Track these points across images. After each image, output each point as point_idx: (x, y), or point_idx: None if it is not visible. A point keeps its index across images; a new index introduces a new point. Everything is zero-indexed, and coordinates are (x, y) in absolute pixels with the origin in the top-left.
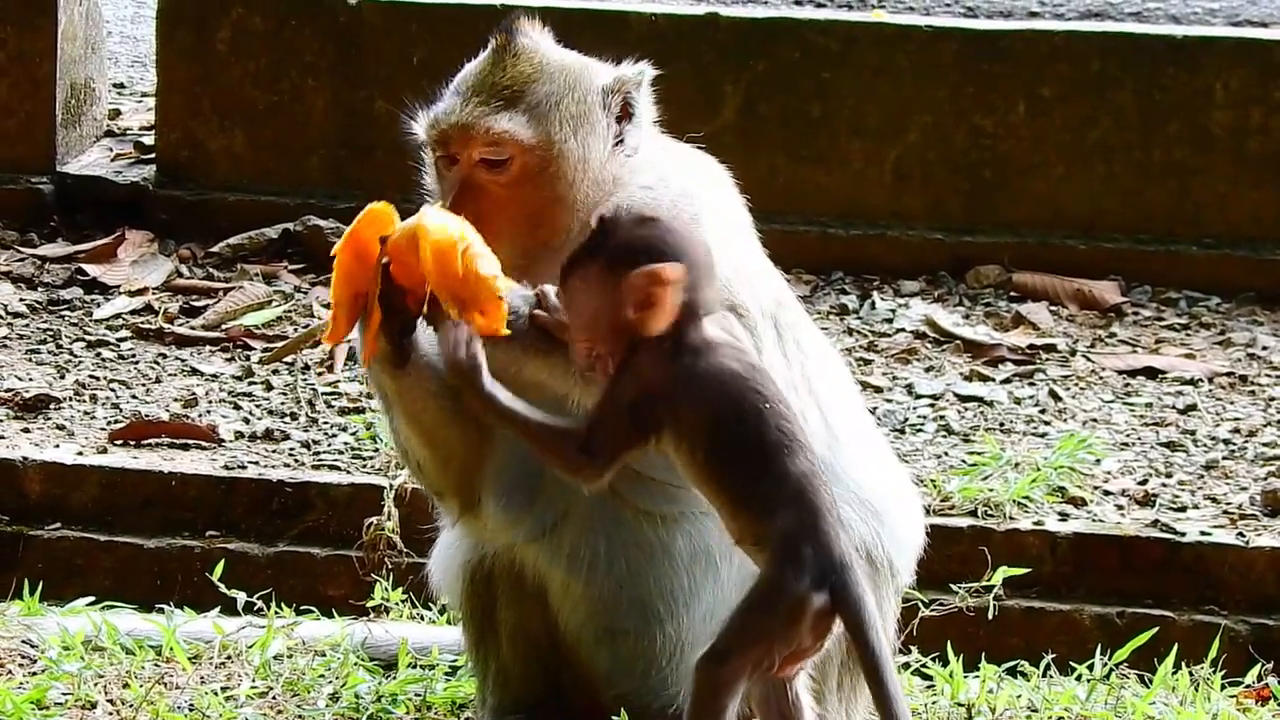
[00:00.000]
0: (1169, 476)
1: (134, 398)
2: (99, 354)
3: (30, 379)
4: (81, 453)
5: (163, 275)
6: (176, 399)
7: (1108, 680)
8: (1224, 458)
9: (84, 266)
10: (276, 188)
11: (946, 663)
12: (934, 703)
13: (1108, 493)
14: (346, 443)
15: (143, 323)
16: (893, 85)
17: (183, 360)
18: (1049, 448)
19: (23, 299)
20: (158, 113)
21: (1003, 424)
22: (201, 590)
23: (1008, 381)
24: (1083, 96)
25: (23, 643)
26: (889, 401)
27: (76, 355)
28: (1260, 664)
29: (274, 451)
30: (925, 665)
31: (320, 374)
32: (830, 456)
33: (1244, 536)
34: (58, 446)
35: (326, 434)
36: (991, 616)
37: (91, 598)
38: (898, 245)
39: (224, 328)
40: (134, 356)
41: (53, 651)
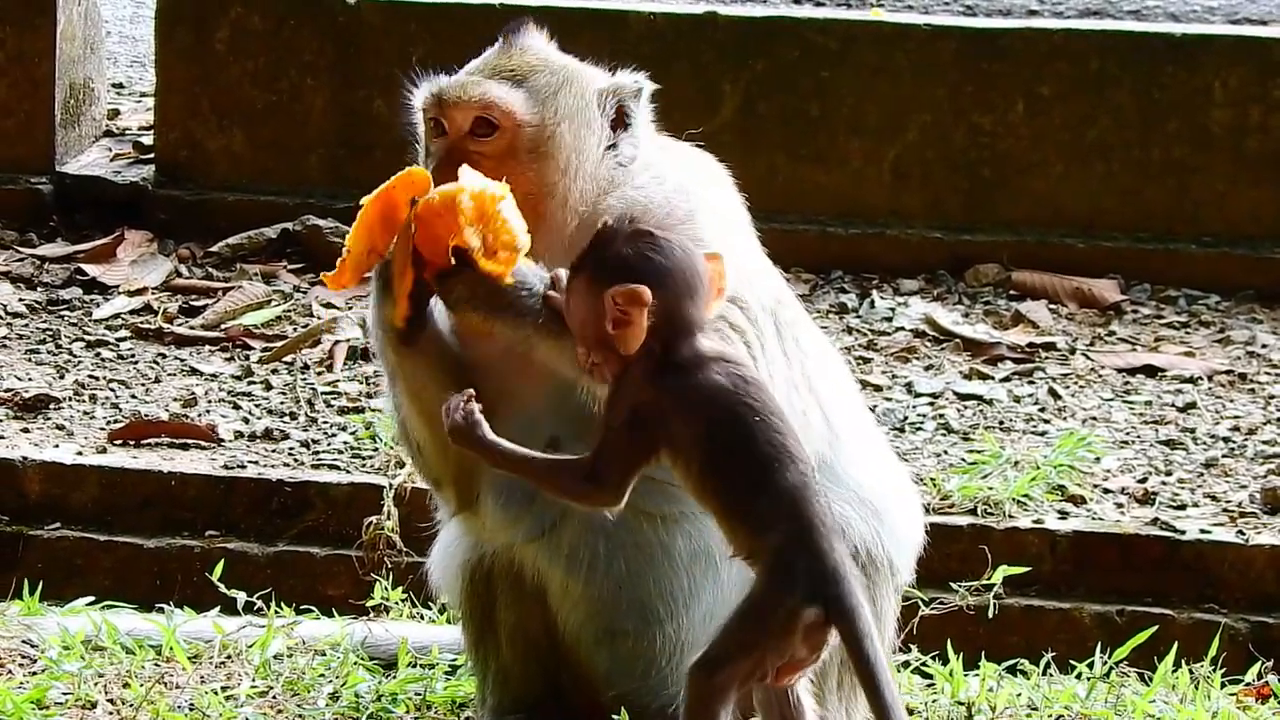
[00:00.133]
0: (1169, 475)
1: (133, 397)
2: (98, 354)
3: (30, 379)
4: (81, 453)
5: (162, 275)
6: (176, 399)
7: (1108, 678)
8: (1223, 456)
9: (83, 266)
10: (275, 187)
11: (946, 661)
12: (934, 701)
13: (1107, 491)
14: (346, 442)
15: (142, 322)
16: (892, 84)
17: (182, 360)
18: (1049, 446)
19: (22, 299)
20: (157, 112)
21: (1002, 422)
22: (201, 590)
23: (1007, 380)
24: (1082, 95)
25: (23, 642)
26: (889, 400)
27: (76, 355)
28: (1260, 662)
29: (273, 451)
30: (925, 664)
31: (320, 374)
32: (830, 455)
33: (1244, 534)
34: (57, 446)
35: (326, 433)
36: (991, 615)
37: (91, 598)
38: (897, 244)
39: (223, 327)
40: (133, 356)
41: (53, 651)
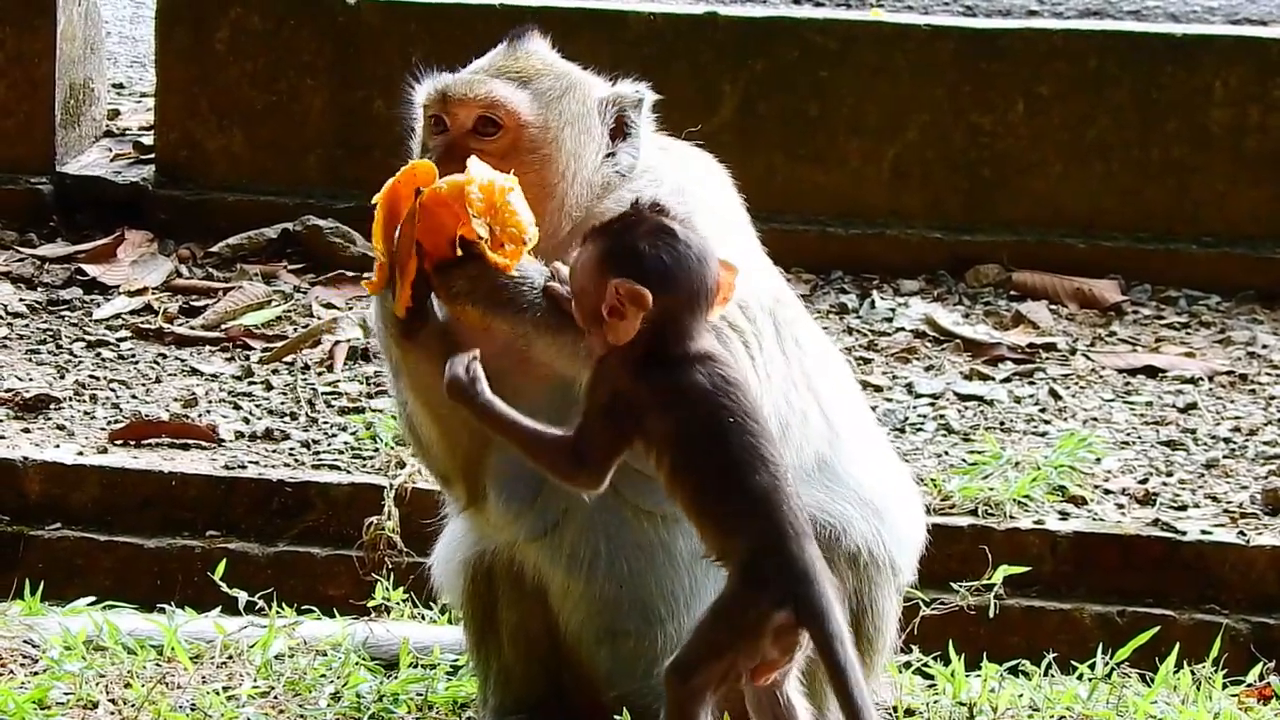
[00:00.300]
0: (1169, 475)
1: (134, 398)
2: (99, 354)
3: (30, 379)
4: (82, 453)
5: (162, 275)
6: (176, 399)
7: (1109, 679)
8: (1224, 456)
9: (83, 266)
10: (275, 187)
11: (948, 662)
12: (935, 702)
13: (1108, 492)
14: (346, 442)
15: (142, 323)
16: (891, 84)
17: (182, 360)
18: (1049, 447)
19: (22, 299)
20: (156, 113)
21: (1003, 423)
22: (202, 590)
23: (1008, 380)
24: (1081, 95)
25: (24, 642)
26: (889, 401)
27: (76, 355)
28: (1262, 663)
29: (274, 451)
30: (927, 664)
31: (320, 374)
32: (830, 453)
33: (1245, 535)
34: (58, 446)
35: (326, 434)
36: (992, 615)
37: (92, 598)
38: (897, 244)
39: (223, 327)
40: (134, 356)
41: (54, 651)
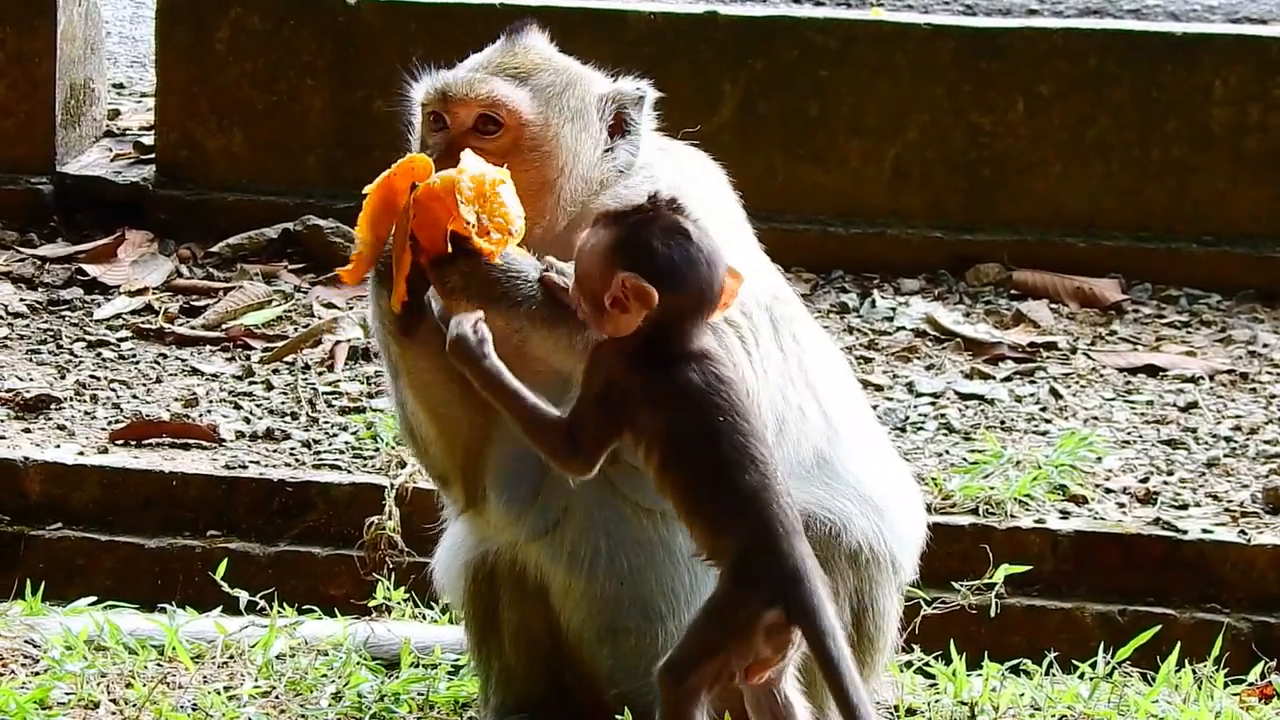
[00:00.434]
0: (1170, 474)
1: (134, 398)
2: (99, 354)
3: (31, 379)
4: (82, 453)
5: (163, 275)
6: (177, 399)
7: (1110, 678)
8: (1225, 455)
9: (84, 266)
10: (275, 187)
11: (949, 661)
12: (937, 701)
13: (1109, 491)
14: (347, 442)
15: (143, 323)
16: (891, 83)
17: (183, 360)
18: (1050, 446)
19: (23, 299)
20: (157, 113)
21: (1004, 422)
22: (203, 590)
23: (1009, 379)
24: (1081, 94)
25: (25, 642)
26: (890, 400)
27: (77, 355)
28: (1263, 662)
29: (275, 451)
30: (928, 664)
31: (321, 373)
32: (829, 450)
33: (1245, 534)
34: (58, 446)
35: (327, 433)
36: (993, 615)
37: (93, 598)
38: (897, 244)
39: (224, 327)
40: (134, 356)
41: (55, 651)
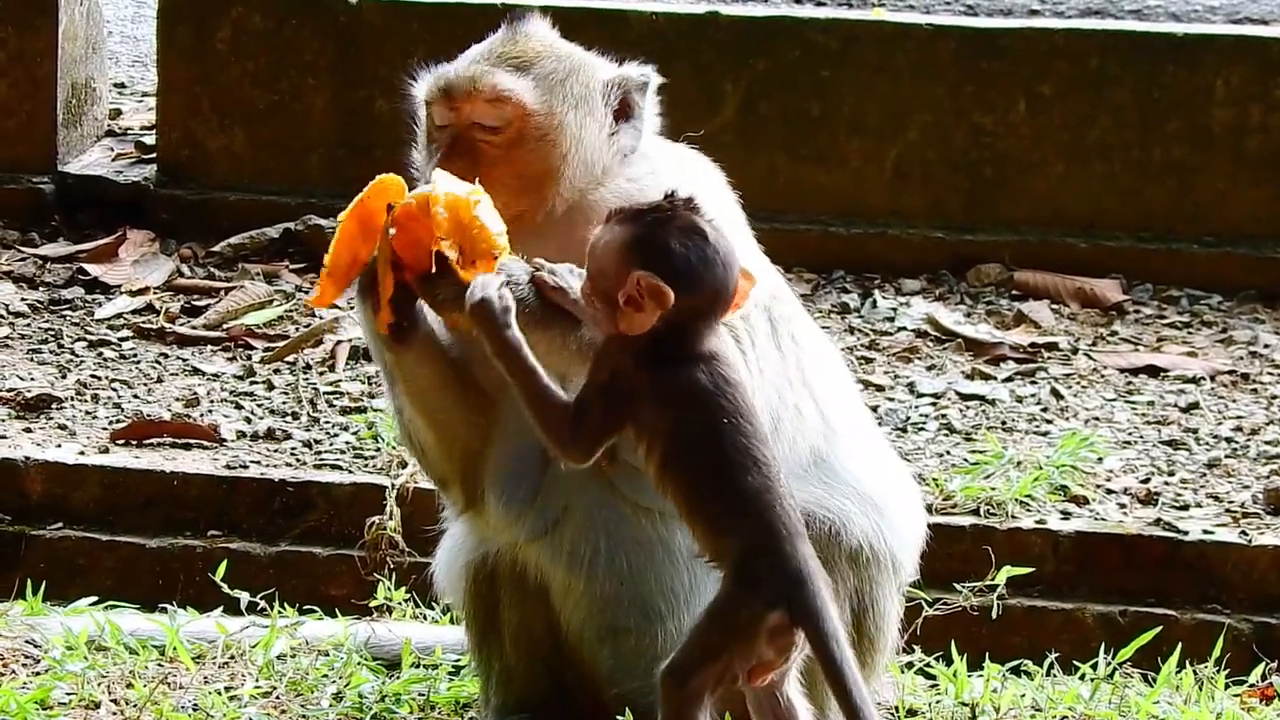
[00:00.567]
0: (1171, 475)
1: (135, 397)
2: (100, 354)
3: (32, 379)
4: (83, 452)
5: (164, 275)
6: (178, 399)
7: (1111, 679)
8: (1226, 456)
9: (85, 266)
10: (277, 187)
11: (950, 662)
12: (938, 702)
13: (1110, 491)
14: (348, 442)
15: (144, 322)
16: (893, 84)
17: (184, 360)
18: (1051, 446)
19: (24, 299)
20: (158, 112)
21: (1005, 422)
22: (204, 590)
23: (1009, 380)
24: (1082, 94)
25: (26, 642)
26: (891, 400)
27: (78, 355)
28: (1264, 663)
29: (276, 451)
30: (929, 665)
31: (322, 373)
32: (826, 449)
33: (1247, 535)
34: (59, 446)
35: (328, 433)
36: (995, 615)
37: (94, 598)
38: (898, 244)
39: (225, 327)
40: (135, 356)
41: (56, 651)
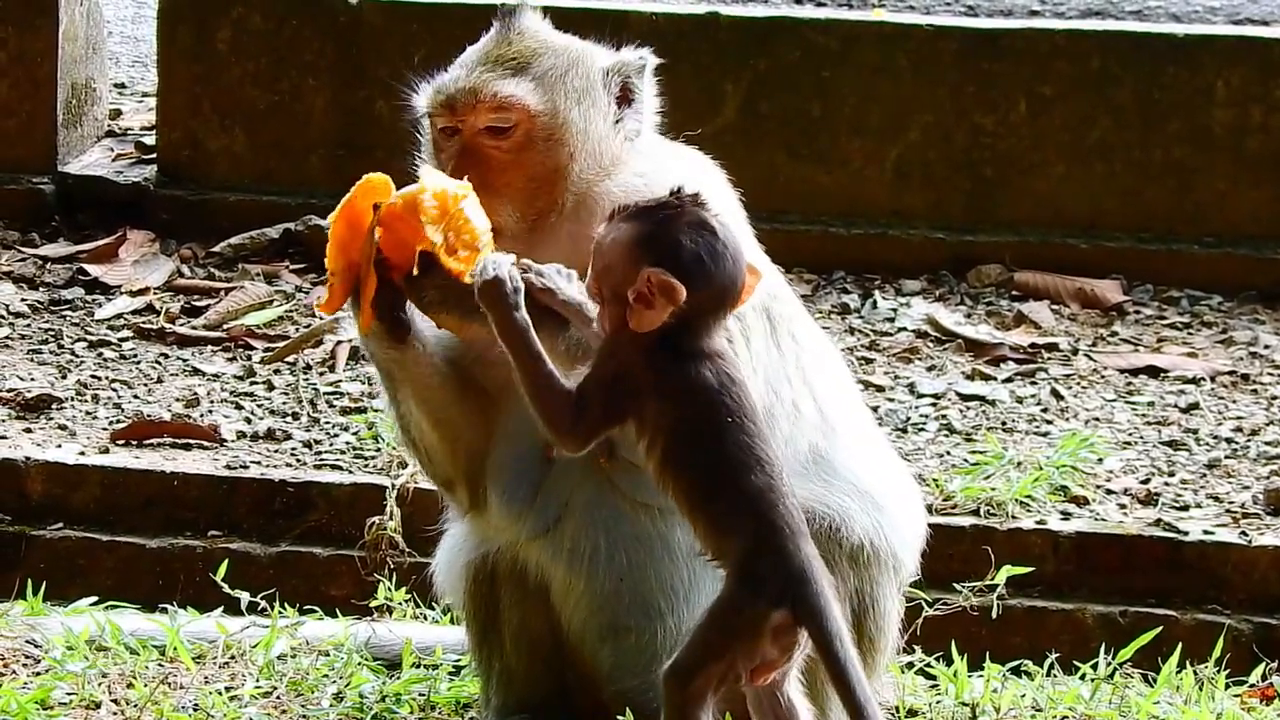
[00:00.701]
0: (1171, 475)
1: (136, 398)
2: (101, 354)
3: (32, 379)
4: (83, 453)
5: (164, 275)
6: (178, 399)
7: (1112, 680)
8: (1226, 457)
9: (85, 266)
10: (277, 187)
11: (950, 662)
12: (938, 702)
13: (1110, 492)
14: (348, 442)
15: (144, 323)
16: (893, 84)
17: (184, 360)
18: (1051, 447)
19: (24, 299)
20: (158, 113)
21: (1005, 423)
22: (204, 590)
23: (1010, 380)
24: (1083, 95)
25: (26, 642)
26: (891, 401)
27: (78, 355)
28: (1265, 663)
29: (276, 451)
30: (929, 665)
31: (322, 374)
32: (826, 446)
33: (1247, 535)
34: (60, 446)
35: (328, 434)
36: (995, 616)
37: (94, 598)
38: (899, 244)
39: (225, 327)
40: (135, 356)
41: (57, 651)
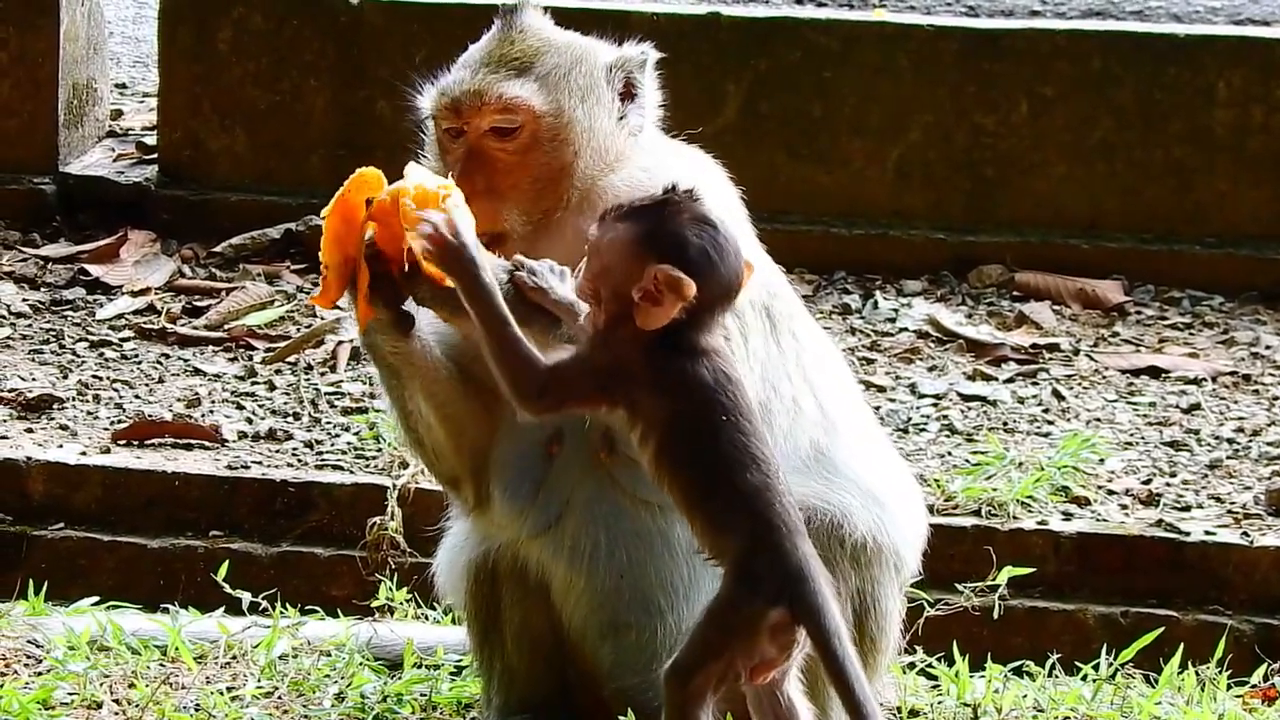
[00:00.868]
0: (1173, 476)
1: (137, 398)
2: (102, 354)
3: (33, 379)
4: (85, 453)
5: (165, 275)
6: (179, 399)
7: (1113, 680)
8: (1228, 457)
9: (86, 267)
10: (278, 188)
11: (952, 662)
12: (940, 703)
13: (1111, 492)
14: (349, 442)
15: (145, 323)
16: (894, 84)
17: (185, 360)
18: (1052, 447)
19: (26, 299)
20: (159, 113)
21: (1006, 423)
22: (205, 590)
23: (1011, 381)
24: (1084, 95)
25: (28, 643)
26: (892, 401)
27: (79, 355)
28: (1266, 664)
29: (277, 451)
30: (931, 665)
31: (323, 374)
32: (827, 443)
33: (1248, 536)
34: (61, 447)
35: (329, 434)
36: (996, 616)
37: (96, 598)
38: (900, 245)
39: (226, 328)
40: (137, 357)
41: (58, 651)
